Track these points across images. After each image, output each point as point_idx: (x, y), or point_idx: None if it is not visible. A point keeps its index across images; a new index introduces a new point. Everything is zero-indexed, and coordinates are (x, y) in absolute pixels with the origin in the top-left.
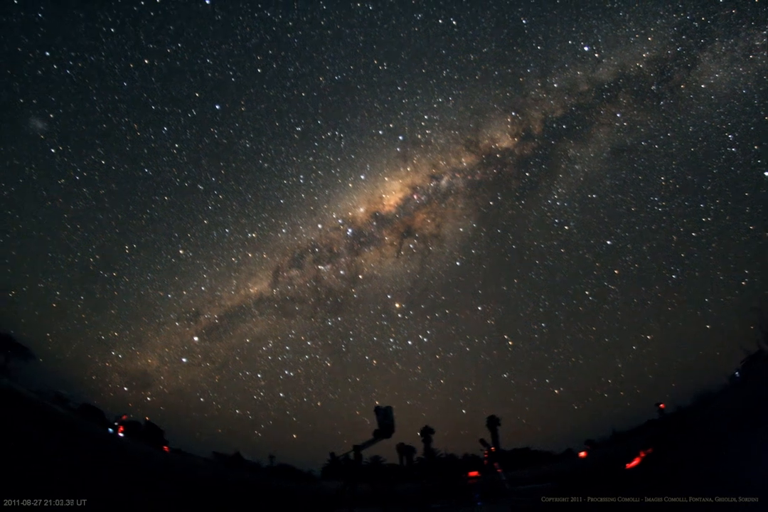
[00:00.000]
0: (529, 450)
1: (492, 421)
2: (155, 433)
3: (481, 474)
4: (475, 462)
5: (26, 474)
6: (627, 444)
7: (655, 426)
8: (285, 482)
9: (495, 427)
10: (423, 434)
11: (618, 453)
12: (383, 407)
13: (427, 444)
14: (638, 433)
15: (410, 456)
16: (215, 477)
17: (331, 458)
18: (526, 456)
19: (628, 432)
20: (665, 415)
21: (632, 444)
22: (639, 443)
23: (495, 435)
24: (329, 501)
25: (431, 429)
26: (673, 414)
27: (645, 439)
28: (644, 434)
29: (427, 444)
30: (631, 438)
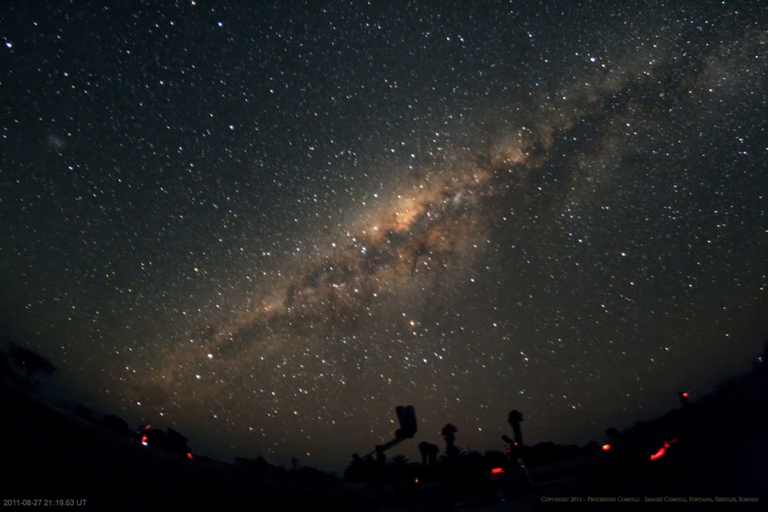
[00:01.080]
0: (552, 445)
1: (514, 417)
2: (178, 441)
3: (504, 471)
4: (499, 458)
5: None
6: (651, 435)
7: (679, 415)
8: (308, 484)
9: (517, 423)
10: (445, 432)
11: (642, 445)
12: (405, 406)
13: (450, 443)
14: (662, 423)
15: (433, 454)
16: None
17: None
18: (549, 451)
19: (652, 423)
20: (688, 404)
21: (656, 434)
22: (663, 433)
23: (517, 430)
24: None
25: (453, 428)
26: (696, 403)
27: (669, 429)
28: (668, 424)
29: (450, 443)
30: (654, 429)
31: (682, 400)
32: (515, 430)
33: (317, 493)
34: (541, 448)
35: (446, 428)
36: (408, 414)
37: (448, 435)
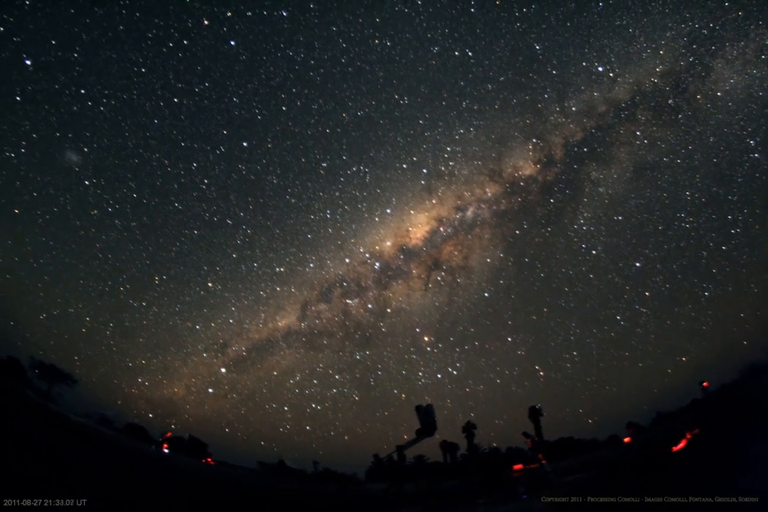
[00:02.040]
0: (572, 439)
1: (534, 412)
2: (199, 447)
3: (525, 467)
4: (520, 455)
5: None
6: (672, 426)
7: (700, 405)
8: (329, 486)
9: (537, 418)
10: (465, 430)
11: (663, 436)
12: (424, 405)
13: (470, 440)
14: (683, 414)
15: (454, 453)
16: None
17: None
18: (570, 445)
19: (673, 413)
20: (709, 393)
21: (677, 425)
22: (684, 424)
23: (538, 426)
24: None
25: (474, 425)
26: (717, 392)
27: (690, 420)
28: (689, 414)
29: (470, 440)
30: (676, 419)
31: (703, 390)
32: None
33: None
34: (561, 443)
35: (466, 426)
36: (428, 413)
37: (468, 433)
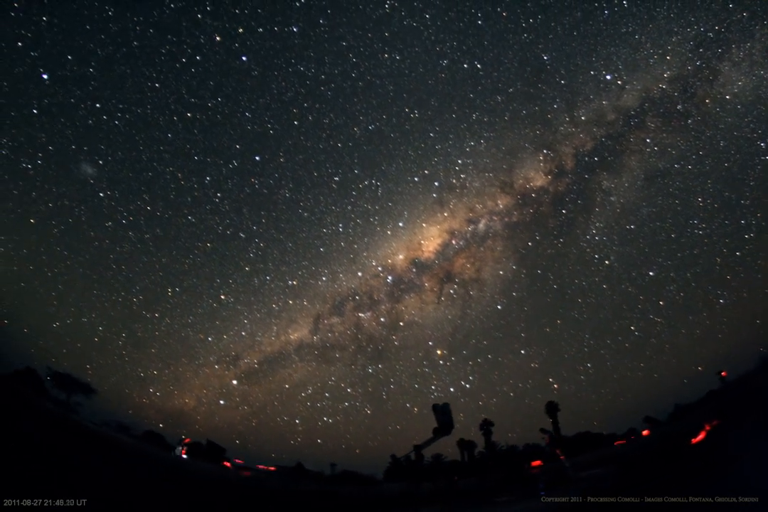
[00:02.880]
0: (590, 434)
1: (551, 408)
2: (217, 451)
3: (544, 463)
4: (538, 451)
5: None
6: (691, 418)
7: (718, 395)
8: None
9: (555, 413)
10: (482, 427)
11: (682, 429)
12: (441, 404)
13: (488, 438)
14: (701, 405)
15: (471, 451)
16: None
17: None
18: (588, 440)
19: (691, 405)
20: (727, 383)
21: (696, 417)
22: (703, 416)
23: (555, 421)
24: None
25: (491, 422)
26: (735, 381)
27: (709, 411)
28: (707, 405)
29: (488, 438)
30: (694, 411)
31: (721, 379)
32: (553, 421)
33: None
34: (579, 438)
35: (483, 423)
36: (444, 412)
37: (486, 431)
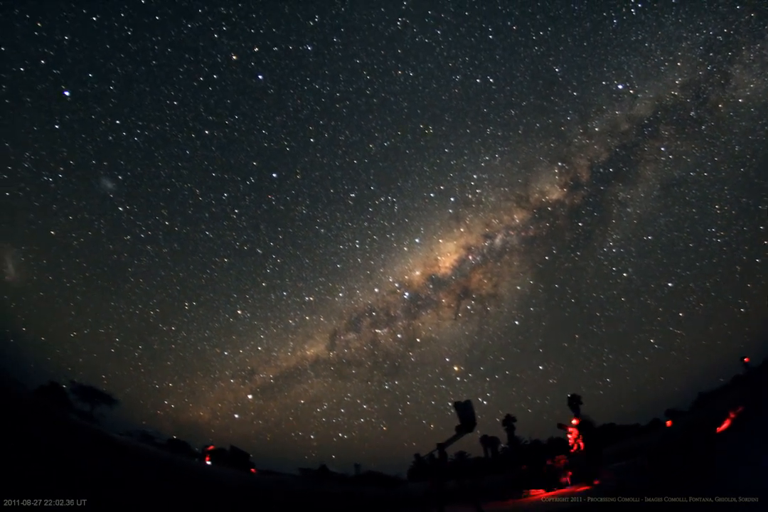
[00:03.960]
0: (614, 426)
1: (573, 400)
2: (241, 457)
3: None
4: (562, 445)
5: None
6: (715, 406)
7: (742, 382)
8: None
9: (577, 406)
10: (505, 423)
11: (706, 417)
12: (463, 401)
13: (511, 433)
14: (725, 392)
15: (495, 447)
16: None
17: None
18: (612, 432)
19: (715, 392)
20: (751, 369)
21: (720, 404)
22: (727, 403)
23: (578, 414)
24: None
25: (513, 418)
26: (759, 367)
27: (733, 398)
28: (732, 392)
29: (511, 433)
30: (718, 398)
31: (744, 365)
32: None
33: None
34: (603, 430)
35: (506, 419)
36: (466, 409)
37: (509, 426)
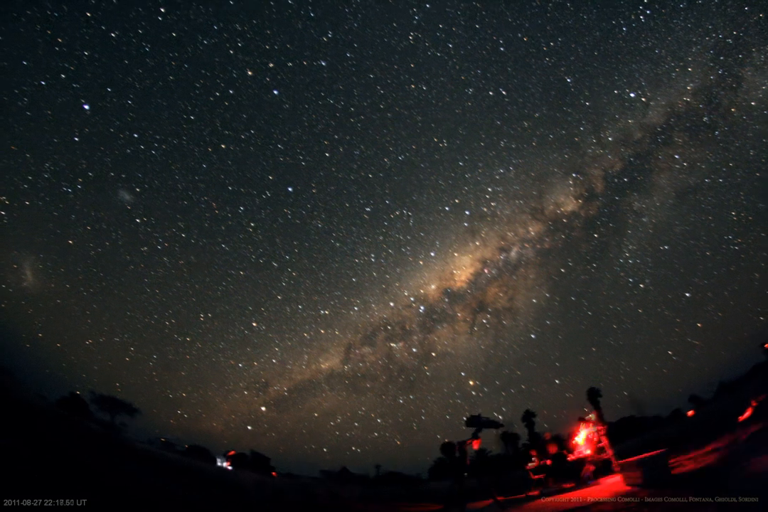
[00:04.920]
0: (634, 418)
1: (593, 393)
2: (262, 461)
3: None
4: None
5: None
6: (736, 395)
7: (764, 369)
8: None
9: (596, 400)
10: (525, 419)
11: (728, 406)
12: (471, 416)
13: (531, 429)
14: (747, 380)
15: (515, 443)
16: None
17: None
18: (632, 425)
19: (736, 381)
20: None
21: (742, 394)
22: (749, 391)
23: (597, 407)
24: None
25: (533, 413)
26: None
27: (755, 386)
28: (753, 381)
29: (531, 429)
30: (740, 387)
31: (765, 352)
32: (595, 407)
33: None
34: (623, 423)
35: (525, 414)
36: (480, 421)
37: (528, 422)
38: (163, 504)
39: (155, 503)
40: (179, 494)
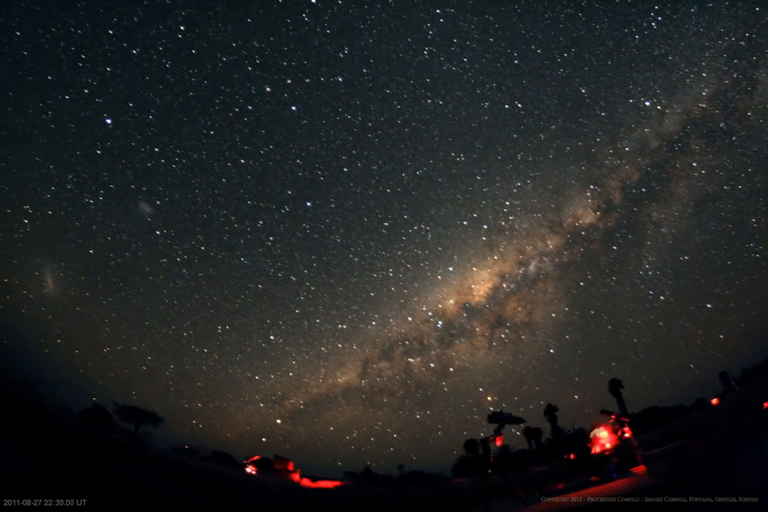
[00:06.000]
0: (657, 408)
1: (614, 385)
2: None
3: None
4: None
5: None
6: (760, 382)
7: None
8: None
9: (618, 391)
10: (547, 413)
11: (751, 394)
12: (493, 412)
13: (553, 423)
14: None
15: (538, 438)
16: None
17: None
18: (655, 415)
19: (759, 367)
20: None
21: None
22: None
23: (620, 399)
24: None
25: (555, 407)
26: None
27: None
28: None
29: (553, 423)
30: (764, 374)
31: None
32: (617, 399)
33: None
34: (646, 413)
35: (548, 409)
36: (502, 417)
37: (551, 416)
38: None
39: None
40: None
